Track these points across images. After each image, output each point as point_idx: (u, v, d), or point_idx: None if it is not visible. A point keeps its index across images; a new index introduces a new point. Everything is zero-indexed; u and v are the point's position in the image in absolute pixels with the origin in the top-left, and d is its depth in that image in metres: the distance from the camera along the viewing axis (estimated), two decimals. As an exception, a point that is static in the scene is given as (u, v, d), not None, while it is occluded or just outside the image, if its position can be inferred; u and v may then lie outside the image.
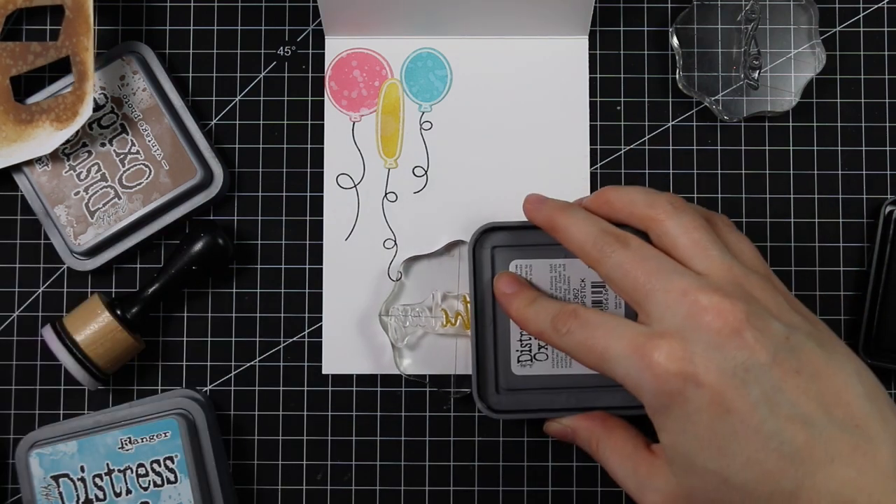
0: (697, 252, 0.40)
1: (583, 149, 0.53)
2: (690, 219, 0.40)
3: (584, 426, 0.45)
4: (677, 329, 0.37)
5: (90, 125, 0.51)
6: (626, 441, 0.43)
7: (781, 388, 0.36)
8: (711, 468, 0.37)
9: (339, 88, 0.54)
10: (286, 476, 0.52)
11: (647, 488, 0.40)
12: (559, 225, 0.43)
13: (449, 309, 0.52)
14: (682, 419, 0.37)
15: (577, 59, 0.54)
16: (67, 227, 0.51)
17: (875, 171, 0.53)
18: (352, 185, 0.53)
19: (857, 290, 0.52)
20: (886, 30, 0.54)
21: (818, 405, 0.36)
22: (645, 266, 0.39)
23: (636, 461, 0.41)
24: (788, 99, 0.52)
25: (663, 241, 0.41)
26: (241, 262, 0.53)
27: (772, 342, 0.36)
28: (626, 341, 0.38)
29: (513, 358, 0.47)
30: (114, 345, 0.49)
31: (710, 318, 0.37)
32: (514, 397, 0.47)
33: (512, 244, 0.47)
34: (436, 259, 0.53)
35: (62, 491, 0.49)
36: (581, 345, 0.40)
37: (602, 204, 0.43)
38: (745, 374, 0.36)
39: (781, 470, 0.35)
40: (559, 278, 0.47)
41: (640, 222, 0.42)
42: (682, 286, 0.38)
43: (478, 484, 0.52)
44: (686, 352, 0.37)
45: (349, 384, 0.52)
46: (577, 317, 0.41)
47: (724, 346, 0.36)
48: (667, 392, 0.37)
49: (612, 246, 0.40)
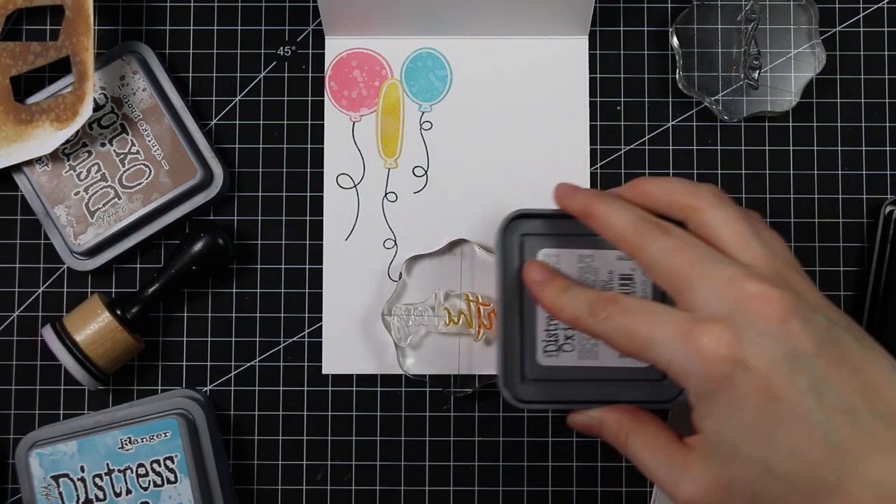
0: (740, 244, 0.39)
1: (583, 149, 0.53)
2: (732, 211, 0.40)
3: (613, 418, 0.44)
4: (726, 315, 0.37)
5: (90, 125, 0.51)
6: (658, 433, 0.42)
7: (827, 378, 0.36)
8: (756, 456, 0.36)
9: (339, 88, 0.54)
10: (286, 476, 0.52)
11: (682, 480, 0.39)
12: (596, 212, 0.42)
13: (452, 308, 0.52)
14: (728, 405, 0.36)
15: (577, 59, 0.54)
16: (67, 227, 0.51)
17: (875, 171, 0.53)
18: (352, 185, 0.53)
19: (857, 290, 0.52)
20: (886, 30, 0.54)
21: (862, 397, 0.36)
22: (689, 254, 0.39)
23: (670, 452, 0.40)
24: (788, 99, 0.52)
25: (705, 230, 0.40)
26: (241, 262, 0.53)
27: (817, 333, 0.36)
28: (672, 326, 0.38)
29: (538, 348, 0.46)
30: (114, 345, 0.49)
31: (759, 305, 0.36)
32: (540, 387, 0.46)
33: (541, 233, 0.46)
34: (438, 258, 0.53)
35: (62, 491, 0.49)
36: (622, 330, 0.39)
37: (638, 194, 0.42)
38: (794, 363, 0.36)
39: (826, 460, 0.35)
40: (587, 269, 0.46)
41: (679, 212, 0.41)
42: (729, 274, 0.37)
43: (478, 484, 0.52)
44: (735, 336, 0.36)
45: (349, 384, 0.52)
46: (617, 303, 0.40)
47: (773, 333, 0.36)
48: (715, 377, 0.36)
49: (654, 233, 0.40)
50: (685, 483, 0.39)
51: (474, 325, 0.51)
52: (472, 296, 0.52)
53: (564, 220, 0.45)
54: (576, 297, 0.42)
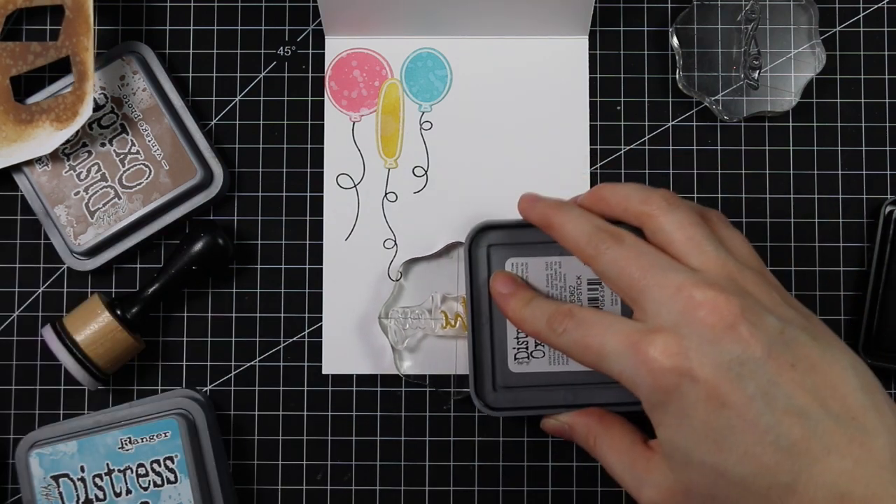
0: (692, 248, 0.40)
1: (583, 149, 0.53)
2: (685, 215, 0.41)
3: (581, 422, 0.45)
4: (672, 324, 0.37)
5: (90, 125, 0.51)
6: (623, 437, 0.43)
7: (777, 381, 0.36)
8: (709, 462, 0.37)
9: (339, 88, 0.54)
10: (286, 476, 0.52)
11: (644, 484, 0.40)
12: (554, 222, 0.43)
13: (448, 311, 0.52)
14: (678, 414, 0.37)
15: (577, 59, 0.54)
16: (67, 227, 0.51)
17: (875, 171, 0.53)
18: (352, 185, 0.53)
19: (857, 290, 0.52)
20: (886, 30, 0.54)
21: (814, 398, 0.36)
22: (639, 262, 0.39)
23: (633, 457, 0.41)
24: (788, 99, 0.52)
25: (658, 237, 0.41)
26: (241, 262, 0.53)
27: (766, 336, 0.37)
28: (621, 338, 0.38)
29: (510, 355, 0.47)
30: (114, 345, 0.49)
31: (705, 312, 0.37)
32: (512, 395, 0.47)
33: (508, 242, 0.47)
34: (435, 261, 0.53)
35: (62, 491, 0.49)
36: (577, 343, 0.40)
37: (597, 201, 0.43)
38: (741, 368, 0.36)
39: (778, 463, 0.35)
40: (555, 276, 0.47)
41: (634, 219, 0.42)
42: (677, 282, 0.38)
43: (478, 484, 0.52)
44: (681, 347, 0.37)
45: (349, 384, 0.52)
46: (573, 316, 0.41)
47: (719, 340, 0.36)
48: (662, 387, 0.37)
49: (607, 242, 0.40)
50: (646, 486, 0.40)
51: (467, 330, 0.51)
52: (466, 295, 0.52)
53: (530, 230, 0.45)
54: (537, 311, 0.43)
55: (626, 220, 0.42)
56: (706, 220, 0.42)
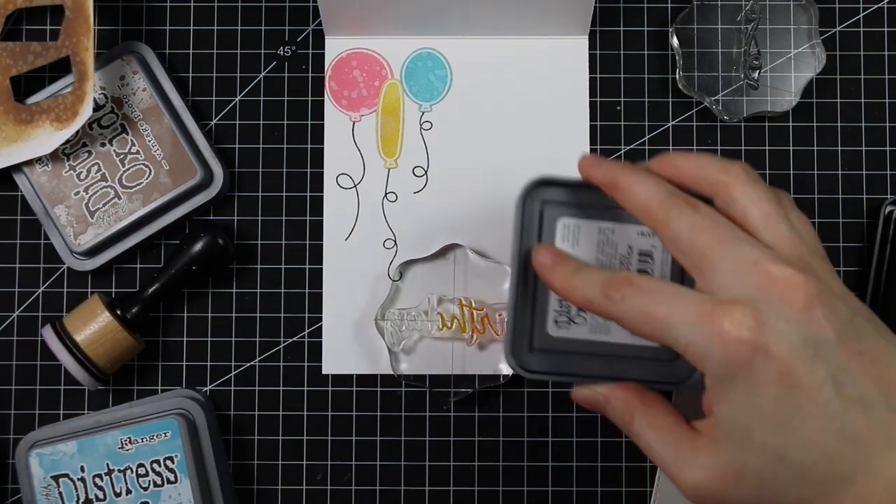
0: (767, 224, 0.38)
1: (583, 149, 0.53)
2: (762, 190, 0.39)
3: (619, 396, 0.42)
4: (748, 298, 0.36)
5: (90, 125, 0.51)
6: (667, 415, 0.40)
7: (847, 368, 0.35)
8: (770, 444, 0.36)
9: (339, 88, 0.54)
10: (286, 476, 0.52)
11: (689, 464, 0.38)
12: (622, 182, 0.40)
13: (445, 313, 0.52)
14: (746, 390, 0.36)
15: (577, 59, 0.54)
16: (67, 227, 0.51)
17: (875, 171, 0.53)
18: (352, 185, 0.53)
19: (857, 290, 0.52)
20: (886, 30, 0.54)
21: (879, 390, 0.35)
22: (714, 233, 0.38)
23: (678, 435, 0.39)
24: (788, 99, 0.52)
25: (732, 208, 0.39)
26: (241, 262, 0.53)
27: (839, 321, 0.36)
28: (692, 307, 0.37)
29: (549, 318, 0.45)
30: (114, 345, 0.49)
31: (782, 289, 0.36)
32: (547, 358, 0.45)
33: (563, 201, 0.45)
34: (431, 262, 0.53)
35: (62, 491, 0.49)
36: (639, 311, 0.38)
37: (668, 167, 0.41)
38: (815, 351, 0.35)
39: (841, 452, 0.35)
40: (607, 242, 0.44)
41: (708, 187, 0.40)
42: (754, 256, 0.37)
43: (478, 484, 0.52)
44: (758, 321, 0.35)
45: (349, 384, 0.52)
46: (632, 283, 0.39)
47: (795, 319, 0.35)
48: (735, 361, 0.36)
49: (681, 208, 0.39)
50: (692, 468, 0.38)
51: (467, 330, 0.51)
52: (466, 300, 0.52)
53: (587, 191, 0.43)
54: (588, 278, 0.40)
55: (698, 190, 0.40)
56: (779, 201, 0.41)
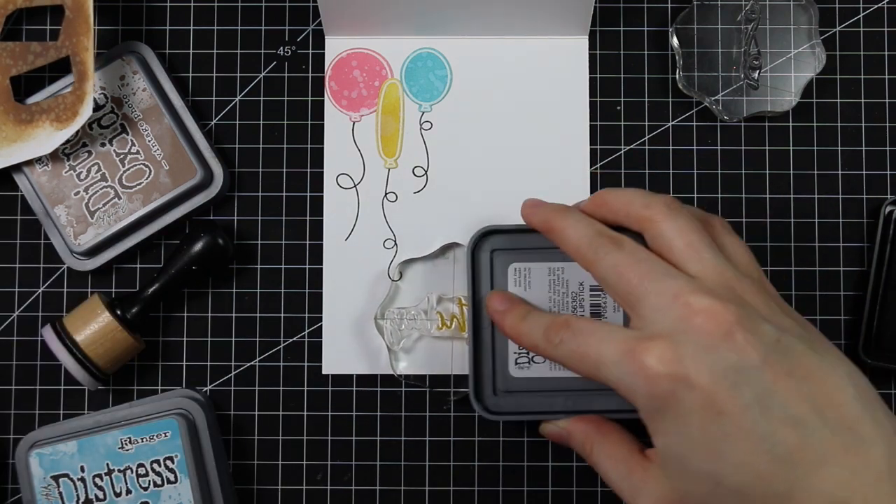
0: (691, 255, 0.40)
1: (583, 149, 0.53)
2: (686, 221, 0.40)
3: (579, 429, 0.45)
4: (669, 331, 0.37)
5: (90, 125, 0.51)
6: (621, 445, 0.43)
7: (773, 389, 0.36)
8: (705, 471, 0.36)
9: (339, 88, 0.54)
10: (286, 476, 0.52)
11: (640, 493, 0.40)
12: (555, 227, 0.43)
13: (444, 312, 0.52)
14: (674, 422, 0.37)
15: (577, 59, 0.54)
16: (67, 227, 0.51)
17: (875, 171, 0.53)
18: (352, 185, 0.53)
19: (857, 290, 0.52)
20: (886, 30, 0.54)
21: (810, 407, 0.36)
22: (638, 268, 0.39)
23: (630, 465, 0.41)
24: (788, 99, 0.52)
25: (658, 242, 0.41)
26: (241, 262, 0.53)
27: (763, 344, 0.36)
28: (617, 346, 0.38)
29: (510, 360, 0.47)
30: (114, 345, 0.49)
31: (702, 320, 0.37)
32: (512, 399, 0.47)
33: (511, 247, 0.47)
34: (431, 262, 0.53)
35: (62, 491, 0.49)
36: (574, 353, 0.40)
37: (599, 206, 0.43)
38: (737, 376, 0.36)
39: (774, 472, 0.35)
40: (558, 282, 0.47)
41: (636, 223, 0.42)
42: (675, 289, 0.38)
43: (478, 484, 0.52)
44: (677, 354, 0.36)
45: (349, 384, 0.52)
46: (569, 326, 0.41)
47: (715, 347, 0.36)
48: (659, 395, 0.37)
49: (607, 248, 0.40)
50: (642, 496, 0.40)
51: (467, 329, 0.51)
52: (465, 299, 0.52)
53: (532, 235, 0.45)
54: (533, 324, 0.43)
55: (628, 225, 0.42)
56: (708, 227, 0.42)
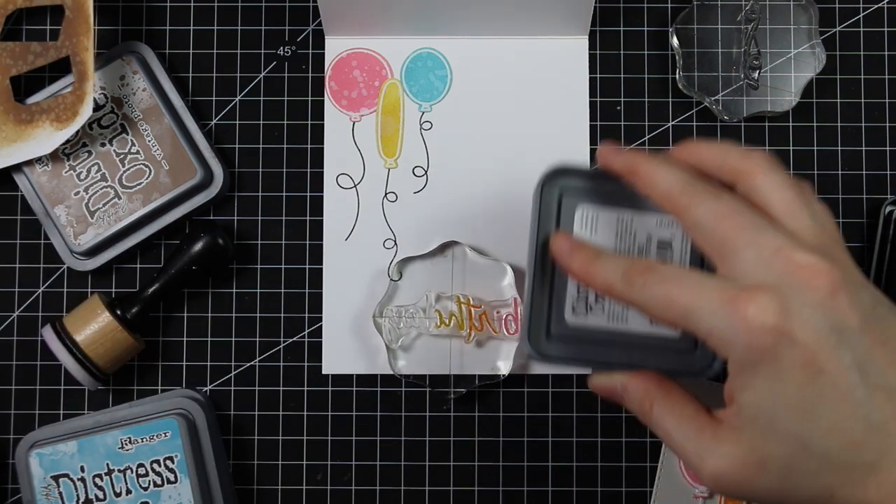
0: (789, 212, 0.38)
1: (583, 149, 0.53)
2: (784, 178, 0.39)
3: (639, 385, 0.42)
4: (772, 284, 0.36)
5: (90, 125, 0.51)
6: (687, 403, 0.40)
7: (872, 355, 0.35)
8: (794, 432, 0.35)
9: (339, 88, 0.54)
10: (286, 476, 0.52)
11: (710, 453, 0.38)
12: (643, 170, 0.40)
13: (443, 310, 0.52)
14: (770, 377, 0.36)
15: (577, 59, 0.54)
16: (67, 227, 0.51)
17: (875, 171, 0.53)
18: (352, 185, 0.53)
19: (857, 290, 0.52)
20: (886, 30, 0.54)
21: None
22: (737, 219, 0.37)
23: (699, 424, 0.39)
24: (788, 99, 0.52)
25: (754, 195, 0.39)
26: (241, 262, 0.53)
27: (863, 309, 0.36)
28: (716, 293, 0.36)
29: (567, 305, 0.45)
30: (114, 345, 0.49)
31: (807, 276, 0.35)
32: (564, 345, 0.44)
33: (581, 189, 0.45)
34: (429, 260, 0.53)
35: (62, 491, 0.49)
36: (661, 297, 0.38)
37: (689, 155, 0.41)
38: (840, 337, 0.35)
39: (866, 440, 0.34)
40: (625, 231, 0.44)
41: (730, 174, 0.40)
42: (777, 243, 0.36)
43: (478, 484, 0.52)
44: (782, 307, 0.35)
45: (349, 384, 0.52)
46: (654, 270, 0.38)
47: (821, 305, 0.35)
48: (759, 347, 0.35)
49: (703, 195, 0.38)
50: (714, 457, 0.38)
51: (465, 328, 0.51)
52: (464, 298, 0.52)
53: (605, 180, 0.43)
54: (609, 264, 0.40)
55: (720, 177, 0.40)
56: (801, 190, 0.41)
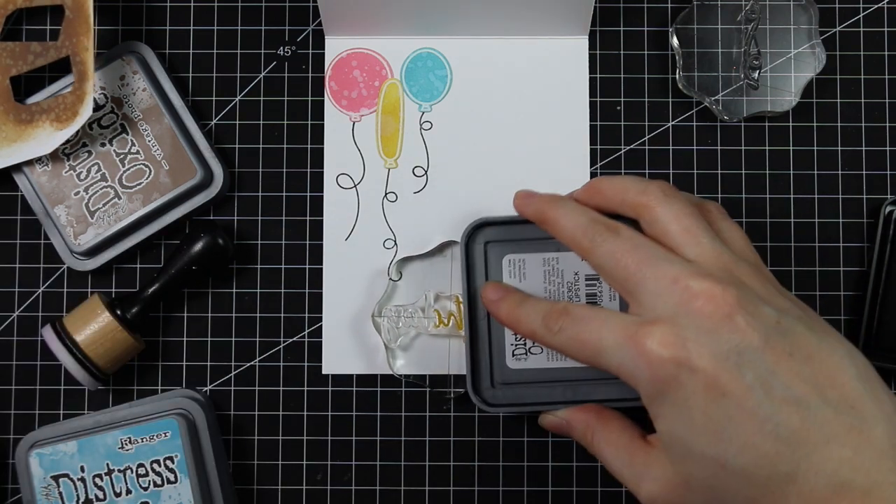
0: (688, 239, 0.40)
1: (583, 149, 0.53)
2: (681, 206, 0.41)
3: (579, 418, 0.45)
4: (669, 315, 0.37)
5: (90, 125, 0.51)
6: (622, 432, 0.43)
7: (775, 370, 0.36)
8: (709, 454, 0.37)
9: (339, 88, 0.54)
10: (286, 476, 0.52)
11: (643, 478, 0.40)
12: (549, 216, 0.43)
13: (441, 309, 0.52)
14: (677, 405, 0.37)
15: (577, 59, 0.54)
16: (67, 227, 0.51)
17: (875, 171, 0.53)
18: (352, 185, 0.53)
19: (857, 290, 0.52)
20: (886, 30, 0.54)
21: (812, 387, 0.36)
22: (635, 254, 0.39)
23: (632, 451, 0.41)
24: (788, 99, 0.52)
25: (654, 228, 0.41)
26: (241, 262, 0.53)
27: (763, 326, 0.37)
28: (618, 331, 0.38)
29: (507, 352, 0.47)
30: (114, 345, 0.49)
31: (702, 303, 0.37)
32: (510, 391, 0.47)
33: (504, 239, 0.47)
34: (428, 259, 0.53)
35: (62, 491, 0.49)
36: (574, 340, 0.40)
37: (593, 194, 0.43)
38: (739, 358, 0.36)
39: (778, 453, 0.35)
40: (552, 272, 0.47)
41: (631, 210, 0.42)
42: (673, 273, 0.38)
43: (478, 484, 0.52)
44: (678, 337, 0.37)
45: (349, 384, 0.52)
46: (568, 313, 0.41)
47: (716, 330, 0.36)
48: (661, 378, 0.37)
49: (603, 235, 0.40)
50: (646, 481, 0.40)
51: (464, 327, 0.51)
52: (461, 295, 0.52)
53: (526, 226, 0.45)
54: (531, 311, 0.43)
55: (623, 213, 0.42)
56: (704, 212, 0.42)
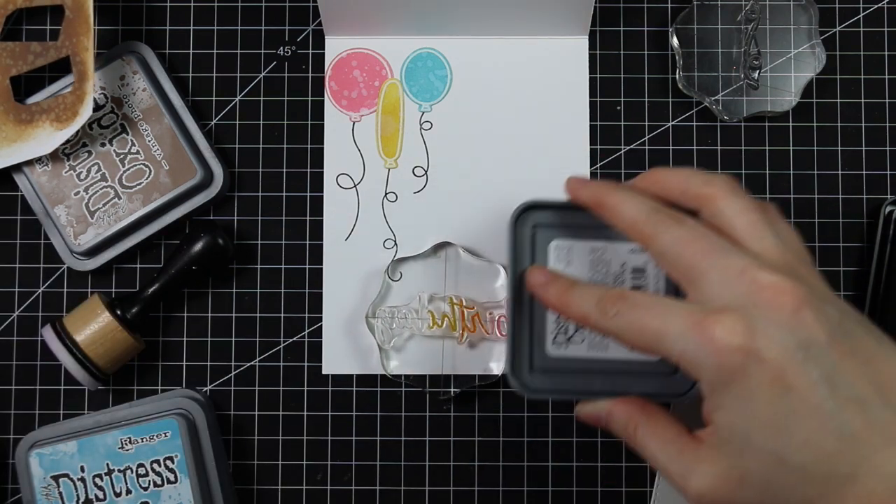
0: (753, 233, 0.39)
1: (583, 149, 0.53)
2: (747, 201, 0.40)
3: (622, 410, 0.43)
4: (738, 305, 0.37)
5: (90, 125, 0.51)
6: (669, 425, 0.41)
7: (840, 368, 0.36)
8: (769, 448, 0.36)
9: (339, 88, 0.54)
10: (286, 476, 0.52)
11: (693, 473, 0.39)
12: (608, 202, 0.42)
13: (435, 311, 0.52)
14: (741, 396, 0.36)
15: (577, 59, 0.54)
16: (67, 227, 0.51)
17: (875, 171, 0.53)
18: (352, 185, 0.53)
19: (857, 290, 0.52)
20: (886, 30, 0.54)
21: (874, 388, 0.36)
22: (701, 244, 0.39)
23: (680, 446, 0.40)
24: (788, 99, 0.52)
25: (718, 220, 0.40)
26: (241, 262, 0.53)
27: (829, 323, 0.36)
28: (684, 318, 0.37)
29: (548, 338, 0.46)
30: (114, 345, 0.49)
31: (770, 295, 0.36)
32: (548, 378, 0.46)
33: (553, 224, 0.46)
34: (423, 260, 0.53)
35: (62, 491, 0.49)
36: (633, 325, 0.39)
37: (652, 183, 0.42)
38: (806, 353, 0.36)
39: (839, 452, 0.35)
40: (599, 261, 0.45)
41: (693, 200, 0.41)
42: (741, 265, 0.37)
43: (478, 484, 0.52)
44: (748, 327, 0.36)
45: (349, 384, 0.52)
46: (626, 298, 0.40)
47: (785, 323, 0.36)
48: (727, 368, 0.36)
49: (667, 223, 0.40)
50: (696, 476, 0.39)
51: (458, 328, 0.51)
52: (457, 299, 0.52)
53: (576, 212, 0.44)
54: (583, 294, 0.41)
55: (684, 204, 0.41)
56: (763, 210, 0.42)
